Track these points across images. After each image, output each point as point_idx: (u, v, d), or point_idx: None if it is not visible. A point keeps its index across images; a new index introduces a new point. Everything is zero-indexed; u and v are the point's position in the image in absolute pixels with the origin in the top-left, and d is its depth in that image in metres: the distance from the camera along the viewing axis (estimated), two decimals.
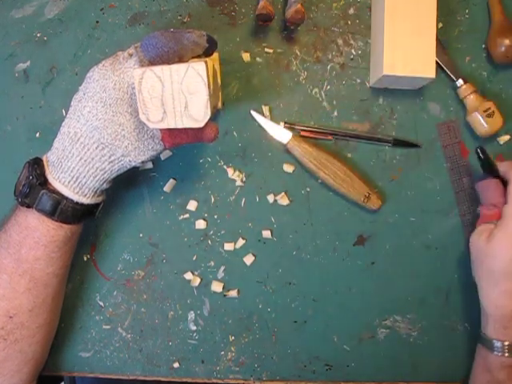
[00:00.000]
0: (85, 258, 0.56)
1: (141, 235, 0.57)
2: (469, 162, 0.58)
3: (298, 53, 0.57)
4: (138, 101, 0.42)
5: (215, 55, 0.52)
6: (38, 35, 0.56)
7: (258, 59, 0.57)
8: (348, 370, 0.58)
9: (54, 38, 0.56)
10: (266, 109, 0.57)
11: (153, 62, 0.43)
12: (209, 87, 0.41)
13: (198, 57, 0.45)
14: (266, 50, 0.57)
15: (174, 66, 0.40)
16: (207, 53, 0.45)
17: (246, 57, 0.57)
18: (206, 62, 0.40)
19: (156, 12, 0.57)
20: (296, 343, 0.57)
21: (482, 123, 0.56)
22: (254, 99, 0.57)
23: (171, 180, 0.56)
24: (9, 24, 0.56)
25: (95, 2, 0.56)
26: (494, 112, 0.56)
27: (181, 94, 0.41)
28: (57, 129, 0.56)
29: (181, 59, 0.43)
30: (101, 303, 0.56)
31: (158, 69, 0.41)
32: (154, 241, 0.57)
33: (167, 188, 0.56)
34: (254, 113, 0.56)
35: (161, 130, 0.44)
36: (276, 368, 0.57)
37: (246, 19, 0.57)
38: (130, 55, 0.44)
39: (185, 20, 0.57)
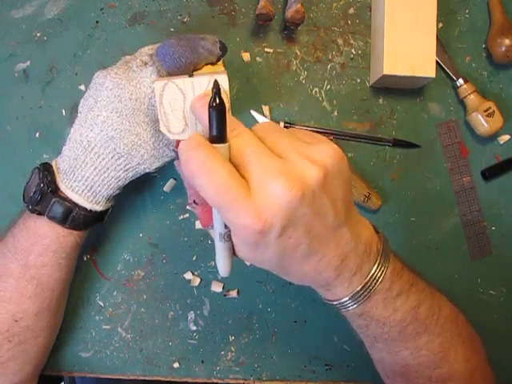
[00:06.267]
0: (85, 258, 0.56)
1: (141, 235, 0.57)
2: (469, 161, 0.58)
3: (298, 53, 0.57)
4: (158, 113, 0.41)
5: (221, 60, 0.52)
6: (38, 35, 0.56)
7: (257, 59, 0.57)
8: (348, 369, 0.58)
9: (53, 38, 0.56)
10: (266, 109, 0.57)
11: (169, 72, 0.42)
12: (230, 98, 0.40)
13: (211, 64, 0.45)
14: (266, 49, 0.57)
15: (197, 79, 0.40)
16: (218, 59, 0.45)
17: (246, 57, 0.57)
18: (227, 73, 0.40)
19: (156, 12, 0.57)
20: (296, 343, 0.57)
21: (482, 123, 0.56)
22: (254, 99, 0.57)
23: (171, 180, 0.56)
24: (9, 24, 0.56)
25: (95, 2, 0.56)
26: (494, 112, 0.56)
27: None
28: (57, 129, 0.56)
29: (195, 67, 0.43)
30: (101, 303, 0.56)
31: (179, 81, 0.40)
32: (154, 241, 0.57)
33: (167, 188, 0.56)
34: (254, 113, 0.56)
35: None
36: (276, 368, 0.57)
37: (246, 19, 0.57)
38: (144, 63, 0.43)
39: (185, 20, 0.57)
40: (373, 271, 0.37)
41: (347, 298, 0.38)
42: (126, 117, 0.43)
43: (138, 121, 0.43)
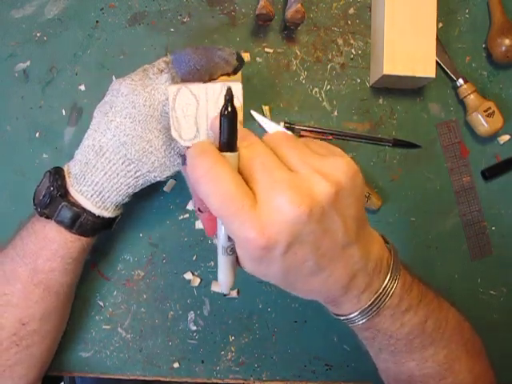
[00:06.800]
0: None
1: (141, 235, 0.57)
2: (469, 161, 0.58)
3: (298, 53, 0.57)
4: (170, 118, 0.41)
5: (239, 72, 0.52)
6: (38, 35, 0.56)
7: (258, 59, 0.57)
8: (348, 369, 0.58)
9: (53, 38, 0.56)
10: (266, 109, 0.57)
11: (184, 79, 0.42)
12: (242, 108, 0.40)
13: (227, 75, 0.45)
14: (266, 49, 0.57)
15: (210, 85, 0.40)
16: (235, 71, 0.45)
17: (246, 57, 0.57)
18: (242, 82, 0.40)
19: (156, 12, 0.57)
20: (296, 343, 0.57)
21: (482, 123, 0.56)
22: (254, 99, 0.57)
23: (171, 180, 0.56)
24: (9, 24, 0.56)
25: (95, 2, 0.56)
26: (494, 112, 0.56)
27: (215, 113, 0.40)
28: (57, 129, 0.56)
29: (211, 77, 0.43)
30: (101, 303, 0.56)
31: (193, 86, 0.40)
32: (154, 241, 0.57)
33: (167, 188, 0.56)
34: (254, 113, 0.56)
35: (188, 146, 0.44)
36: (276, 368, 0.57)
37: (246, 19, 0.57)
38: (161, 71, 0.44)
39: (185, 20, 0.57)
40: (382, 288, 0.36)
41: (355, 314, 0.37)
42: (138, 123, 0.43)
43: (151, 127, 0.43)
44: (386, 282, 0.36)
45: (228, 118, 0.31)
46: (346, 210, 0.32)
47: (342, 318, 0.38)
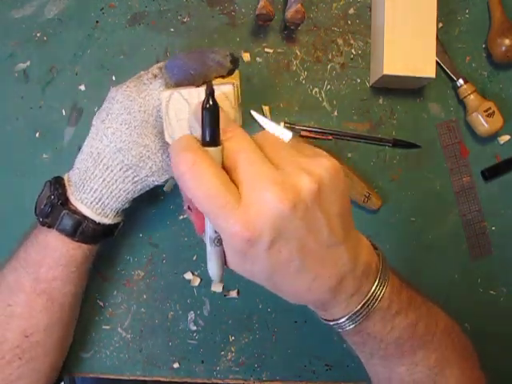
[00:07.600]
0: None
1: (141, 235, 0.57)
2: (469, 161, 0.58)
3: (298, 53, 0.57)
4: (164, 123, 0.41)
5: (236, 72, 0.52)
6: (38, 35, 0.56)
7: (257, 59, 0.57)
8: (348, 369, 0.58)
9: (53, 38, 0.56)
10: (266, 109, 0.57)
11: (178, 84, 0.43)
12: (237, 109, 0.40)
13: (221, 77, 0.44)
14: (266, 49, 0.57)
15: (202, 89, 0.40)
16: (230, 73, 0.44)
17: (246, 57, 0.57)
18: (233, 85, 0.40)
19: (156, 12, 0.57)
20: (296, 343, 0.57)
21: (482, 123, 0.56)
22: (254, 99, 0.57)
23: (171, 180, 0.56)
24: (9, 24, 0.56)
25: (95, 2, 0.56)
26: (494, 112, 0.56)
27: None
28: (57, 129, 0.56)
29: (205, 80, 0.43)
30: (101, 303, 0.56)
31: (185, 91, 0.40)
32: (154, 241, 0.57)
33: (167, 188, 0.56)
34: (254, 113, 0.56)
35: None
36: (276, 368, 0.57)
37: (246, 19, 0.57)
38: (154, 76, 0.44)
39: (185, 20, 0.57)
40: (371, 292, 0.36)
41: (345, 319, 0.37)
42: (134, 128, 0.43)
43: (147, 132, 0.43)
44: (375, 285, 0.36)
45: (209, 111, 0.31)
46: (330, 207, 0.32)
47: (331, 323, 0.38)
